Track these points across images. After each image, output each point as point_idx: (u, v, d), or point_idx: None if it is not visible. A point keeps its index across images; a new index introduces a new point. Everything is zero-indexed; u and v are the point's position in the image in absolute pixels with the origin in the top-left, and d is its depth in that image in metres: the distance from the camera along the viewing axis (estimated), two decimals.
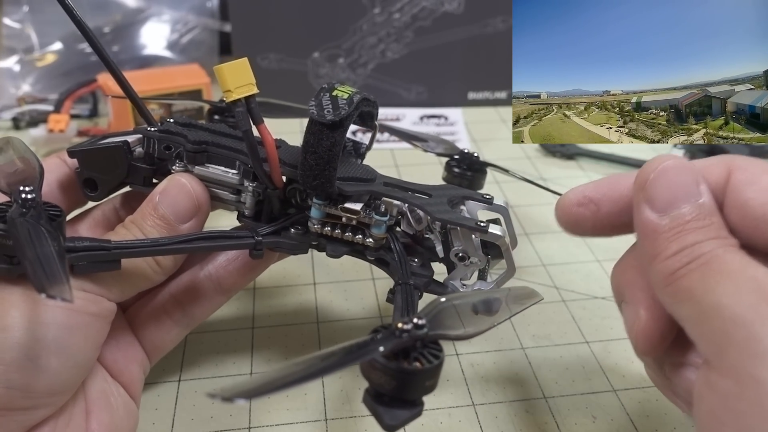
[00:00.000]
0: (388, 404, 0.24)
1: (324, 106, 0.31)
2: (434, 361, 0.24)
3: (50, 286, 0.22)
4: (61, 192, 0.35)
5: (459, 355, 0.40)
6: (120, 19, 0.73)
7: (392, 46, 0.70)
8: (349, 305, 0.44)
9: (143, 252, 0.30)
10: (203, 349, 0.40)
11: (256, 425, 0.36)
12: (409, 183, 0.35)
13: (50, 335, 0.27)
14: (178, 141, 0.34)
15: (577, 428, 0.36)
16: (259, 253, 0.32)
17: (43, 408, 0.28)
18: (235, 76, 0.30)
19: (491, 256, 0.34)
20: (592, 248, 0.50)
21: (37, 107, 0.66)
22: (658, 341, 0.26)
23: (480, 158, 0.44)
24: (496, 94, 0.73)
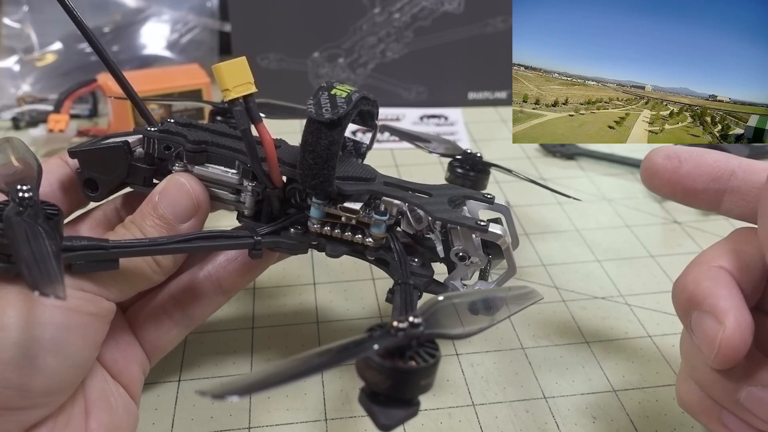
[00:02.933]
0: (384, 404, 0.23)
1: (322, 105, 0.31)
2: (430, 360, 0.24)
3: (44, 284, 0.22)
4: (62, 192, 0.35)
5: (459, 355, 0.40)
6: (120, 19, 0.73)
7: (392, 46, 0.70)
8: (349, 305, 0.44)
9: (142, 251, 0.30)
10: (203, 349, 0.40)
11: (256, 425, 0.36)
12: (410, 182, 0.35)
13: (48, 335, 0.27)
14: (178, 141, 0.34)
15: (577, 428, 0.36)
16: (258, 253, 0.32)
17: (41, 408, 0.28)
18: (233, 75, 0.30)
19: (492, 256, 0.33)
20: (592, 248, 0.50)
21: (37, 107, 0.66)
22: (742, 351, 0.25)
23: (483, 158, 0.44)
24: (496, 94, 0.73)
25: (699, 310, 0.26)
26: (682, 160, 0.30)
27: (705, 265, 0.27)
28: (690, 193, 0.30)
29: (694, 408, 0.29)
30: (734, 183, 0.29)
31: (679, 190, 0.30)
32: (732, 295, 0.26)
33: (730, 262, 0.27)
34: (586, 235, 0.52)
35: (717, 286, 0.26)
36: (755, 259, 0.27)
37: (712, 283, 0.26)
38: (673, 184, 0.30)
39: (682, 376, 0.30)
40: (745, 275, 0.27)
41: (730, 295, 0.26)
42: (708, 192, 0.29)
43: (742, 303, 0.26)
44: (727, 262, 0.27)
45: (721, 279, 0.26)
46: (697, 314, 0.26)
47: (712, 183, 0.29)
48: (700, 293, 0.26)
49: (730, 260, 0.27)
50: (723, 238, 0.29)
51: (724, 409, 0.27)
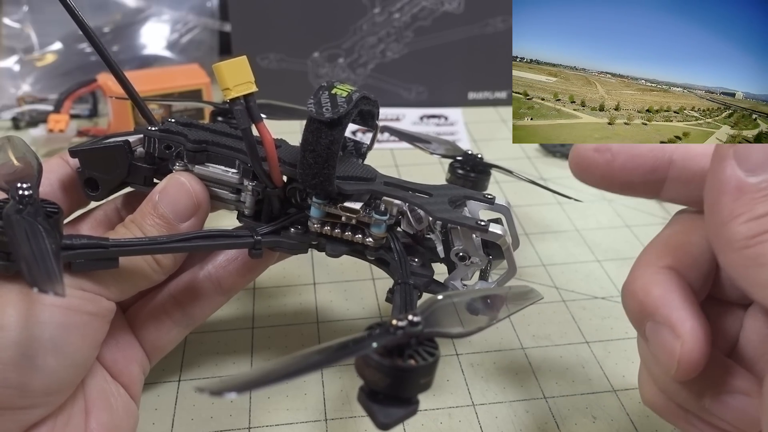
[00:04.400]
0: (383, 402, 0.23)
1: (322, 104, 0.31)
2: (429, 358, 0.23)
3: (43, 281, 0.22)
4: (62, 192, 0.35)
5: (459, 355, 0.40)
6: (120, 19, 0.73)
7: (392, 46, 0.70)
8: (349, 305, 0.44)
9: (141, 250, 0.30)
10: (203, 349, 0.40)
11: (256, 425, 0.36)
12: (410, 182, 0.35)
13: (47, 334, 0.27)
14: (179, 140, 0.34)
15: (577, 428, 0.36)
16: (258, 253, 0.32)
17: (41, 407, 0.28)
18: (233, 74, 0.30)
19: (492, 256, 0.33)
20: (592, 248, 0.50)
21: (37, 107, 0.66)
22: (703, 362, 0.24)
23: (483, 159, 0.44)
24: (496, 94, 0.73)
25: (653, 321, 0.25)
26: (615, 153, 0.27)
27: (651, 267, 0.26)
28: (627, 187, 0.28)
29: (660, 410, 0.28)
30: (674, 172, 0.27)
31: (615, 184, 0.28)
32: (685, 303, 0.25)
33: (677, 260, 0.26)
34: (586, 235, 0.52)
35: (668, 293, 0.25)
36: (702, 249, 0.26)
37: (662, 290, 0.25)
38: (607, 179, 0.28)
39: (644, 378, 0.29)
40: (694, 271, 0.26)
41: (683, 302, 0.25)
42: (646, 184, 0.28)
43: (696, 309, 0.25)
44: (673, 259, 0.26)
45: (670, 283, 0.25)
46: (651, 325, 0.25)
47: (650, 174, 0.27)
48: (651, 303, 0.25)
49: (677, 257, 0.26)
50: (666, 228, 0.28)
51: (689, 413, 0.27)
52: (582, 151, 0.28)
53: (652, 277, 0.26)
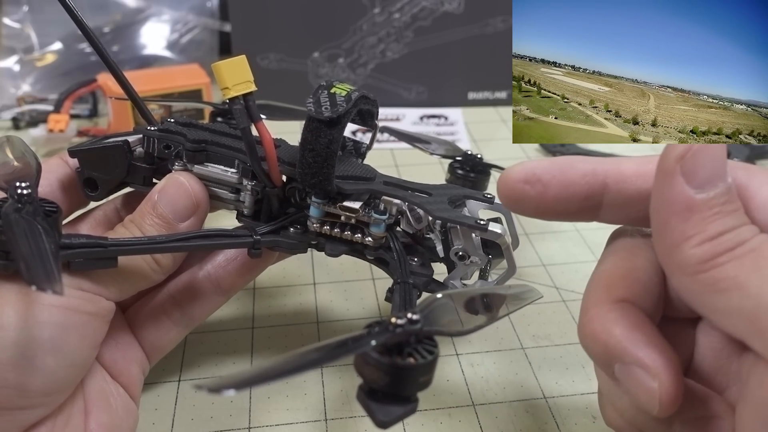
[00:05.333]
0: (381, 400, 0.23)
1: (321, 103, 0.31)
2: (428, 356, 0.23)
3: (41, 280, 0.22)
4: (62, 192, 0.35)
5: (459, 355, 0.40)
6: (120, 19, 0.73)
7: (392, 46, 0.70)
8: (349, 305, 0.44)
9: (140, 250, 0.30)
10: (203, 349, 0.40)
11: (256, 425, 0.35)
12: (410, 182, 0.35)
13: (46, 334, 0.27)
14: (178, 140, 0.34)
15: (577, 428, 0.36)
16: (257, 252, 0.32)
17: (40, 407, 0.28)
18: (233, 73, 0.30)
19: (492, 256, 0.33)
20: (592, 248, 0.50)
21: (37, 107, 0.66)
22: (681, 394, 0.23)
23: (483, 160, 0.44)
24: (496, 94, 0.73)
25: (621, 363, 0.24)
26: (546, 184, 0.25)
27: (604, 305, 0.24)
28: (562, 216, 0.26)
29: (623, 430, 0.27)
30: (609, 197, 0.26)
31: (549, 215, 0.26)
32: (649, 337, 0.23)
33: (628, 289, 0.25)
34: (586, 235, 0.52)
35: (629, 331, 0.23)
36: (650, 273, 0.25)
37: (623, 330, 0.23)
38: (541, 211, 0.26)
39: (605, 405, 0.28)
40: (647, 298, 0.25)
41: (647, 337, 0.23)
42: (582, 212, 0.26)
43: (661, 341, 0.23)
44: (624, 290, 0.25)
45: (628, 319, 0.24)
46: (621, 367, 0.24)
47: (585, 202, 0.26)
48: (615, 345, 0.23)
49: (627, 287, 0.25)
50: (606, 256, 0.27)
51: None
52: (511, 183, 0.26)
53: (608, 315, 0.24)
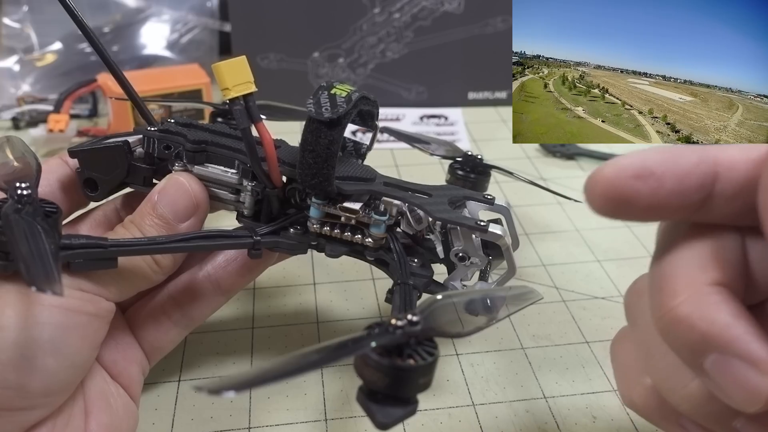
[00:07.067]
0: (382, 402, 0.23)
1: (322, 104, 0.31)
2: (428, 358, 0.23)
3: (41, 281, 0.22)
4: (62, 192, 0.35)
5: (459, 355, 0.40)
6: (120, 19, 0.73)
7: (392, 46, 0.70)
8: (349, 305, 0.44)
9: (140, 250, 0.30)
10: (203, 350, 0.40)
11: (256, 425, 0.35)
12: (410, 183, 0.35)
13: (46, 335, 0.27)
14: (178, 141, 0.34)
15: (577, 428, 0.36)
16: (257, 253, 0.32)
17: (40, 408, 0.28)
18: (233, 74, 0.30)
19: (492, 257, 0.33)
20: (592, 248, 0.50)
21: (37, 107, 0.66)
22: None
23: (483, 160, 0.44)
24: (496, 94, 0.73)
25: (720, 354, 0.21)
26: (660, 177, 0.22)
27: (697, 286, 0.21)
28: (673, 213, 0.22)
29: (651, 412, 0.26)
30: (719, 187, 0.22)
31: (661, 214, 0.23)
32: (756, 330, 0.21)
33: (724, 272, 0.22)
34: (586, 235, 0.52)
35: (736, 320, 0.21)
36: (738, 253, 0.22)
37: (727, 317, 0.21)
38: (653, 211, 0.22)
39: (633, 378, 0.26)
40: (741, 284, 0.22)
41: (755, 330, 0.20)
42: (691, 207, 0.22)
43: (763, 334, 0.21)
44: (720, 272, 0.22)
45: (731, 306, 0.21)
46: (718, 359, 0.21)
47: (697, 194, 0.22)
48: (718, 333, 0.21)
49: (722, 269, 0.22)
50: (686, 233, 0.23)
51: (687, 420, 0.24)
52: (616, 180, 0.22)
53: (707, 301, 0.21)
